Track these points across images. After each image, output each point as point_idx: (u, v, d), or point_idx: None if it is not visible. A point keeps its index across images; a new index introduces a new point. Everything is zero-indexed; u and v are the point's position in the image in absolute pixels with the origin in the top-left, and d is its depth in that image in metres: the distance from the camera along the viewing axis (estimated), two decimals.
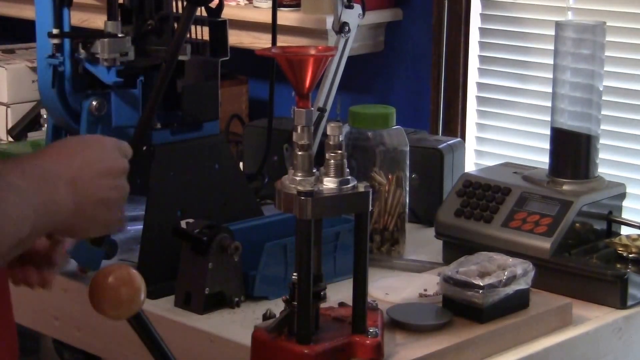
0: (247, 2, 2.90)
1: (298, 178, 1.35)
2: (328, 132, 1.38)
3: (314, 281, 1.36)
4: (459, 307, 1.55)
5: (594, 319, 1.66)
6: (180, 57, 1.82)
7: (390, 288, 1.69)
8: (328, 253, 1.73)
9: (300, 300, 1.35)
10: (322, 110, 2.10)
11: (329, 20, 2.52)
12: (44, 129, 2.42)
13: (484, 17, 2.72)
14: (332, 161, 1.36)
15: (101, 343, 1.77)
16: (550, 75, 1.84)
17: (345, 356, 1.38)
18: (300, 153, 1.35)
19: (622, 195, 1.85)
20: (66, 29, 1.82)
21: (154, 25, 1.89)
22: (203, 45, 1.93)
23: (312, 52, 1.33)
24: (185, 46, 1.85)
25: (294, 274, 1.36)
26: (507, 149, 2.68)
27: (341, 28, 2.15)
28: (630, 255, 1.73)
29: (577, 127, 1.81)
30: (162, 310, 1.67)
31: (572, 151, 1.82)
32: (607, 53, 1.82)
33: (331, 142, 1.37)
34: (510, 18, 2.66)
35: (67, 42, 1.81)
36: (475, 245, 1.75)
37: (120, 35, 1.82)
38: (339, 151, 1.36)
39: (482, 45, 2.73)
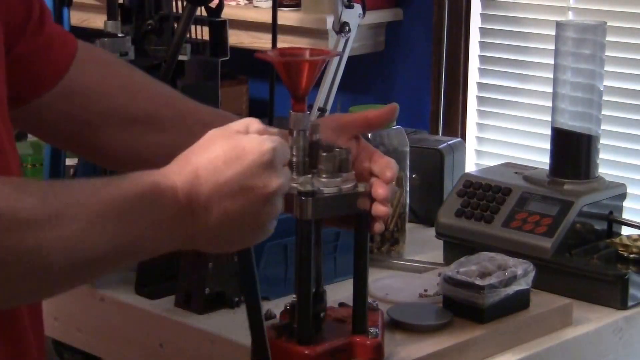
0: (247, 2, 2.90)
1: (299, 178, 1.34)
2: None
3: (315, 281, 1.35)
4: (459, 308, 1.55)
5: (594, 319, 1.66)
6: (180, 57, 1.82)
7: (391, 288, 1.69)
8: (328, 253, 1.72)
9: (300, 301, 1.35)
10: (322, 110, 2.10)
11: (329, 20, 2.52)
12: None
13: (484, 17, 2.72)
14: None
15: (101, 343, 1.77)
16: (551, 75, 1.84)
17: (346, 356, 1.38)
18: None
19: (623, 196, 1.85)
20: (66, 28, 1.81)
21: (154, 25, 1.88)
22: (203, 45, 1.93)
23: (307, 55, 1.32)
24: (185, 46, 1.84)
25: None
26: (508, 149, 2.69)
27: (341, 28, 2.15)
28: (630, 256, 1.73)
29: (578, 127, 1.81)
30: (162, 310, 1.67)
31: (573, 151, 1.82)
32: (607, 53, 1.82)
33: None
34: (510, 18, 2.66)
35: None
36: (476, 246, 1.75)
37: (120, 35, 1.82)
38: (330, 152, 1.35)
39: (483, 45, 2.73)
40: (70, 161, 1.92)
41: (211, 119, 1.35)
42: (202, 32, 1.94)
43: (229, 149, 1.07)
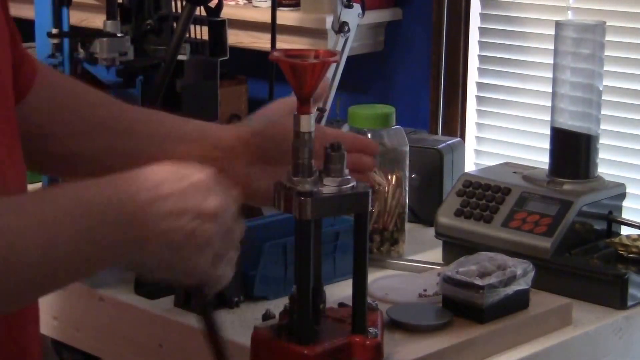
0: (246, 1, 2.89)
1: (297, 178, 1.34)
2: None
3: (314, 281, 1.35)
4: (459, 307, 1.55)
5: (594, 319, 1.66)
6: (180, 57, 1.82)
7: (390, 288, 1.69)
8: (328, 253, 1.72)
9: (300, 302, 1.34)
10: (321, 110, 2.09)
11: (329, 20, 2.52)
12: None
13: (484, 17, 2.72)
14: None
15: (101, 343, 1.77)
16: (550, 75, 1.84)
17: (345, 356, 1.38)
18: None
19: (622, 195, 1.85)
20: (65, 28, 1.81)
21: (153, 25, 1.88)
22: (202, 45, 1.93)
23: (313, 56, 1.31)
24: (185, 46, 1.84)
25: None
26: (507, 148, 2.68)
27: (341, 28, 2.15)
28: (630, 255, 1.73)
29: (577, 127, 1.81)
30: (161, 310, 1.67)
31: (572, 151, 1.82)
32: (607, 53, 1.82)
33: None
34: (510, 18, 2.66)
35: (66, 42, 1.81)
36: (475, 246, 1.75)
37: (119, 34, 1.82)
38: (339, 151, 1.35)
39: (482, 45, 2.72)
40: None
41: (166, 130, 1.36)
42: (201, 32, 1.94)
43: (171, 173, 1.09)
